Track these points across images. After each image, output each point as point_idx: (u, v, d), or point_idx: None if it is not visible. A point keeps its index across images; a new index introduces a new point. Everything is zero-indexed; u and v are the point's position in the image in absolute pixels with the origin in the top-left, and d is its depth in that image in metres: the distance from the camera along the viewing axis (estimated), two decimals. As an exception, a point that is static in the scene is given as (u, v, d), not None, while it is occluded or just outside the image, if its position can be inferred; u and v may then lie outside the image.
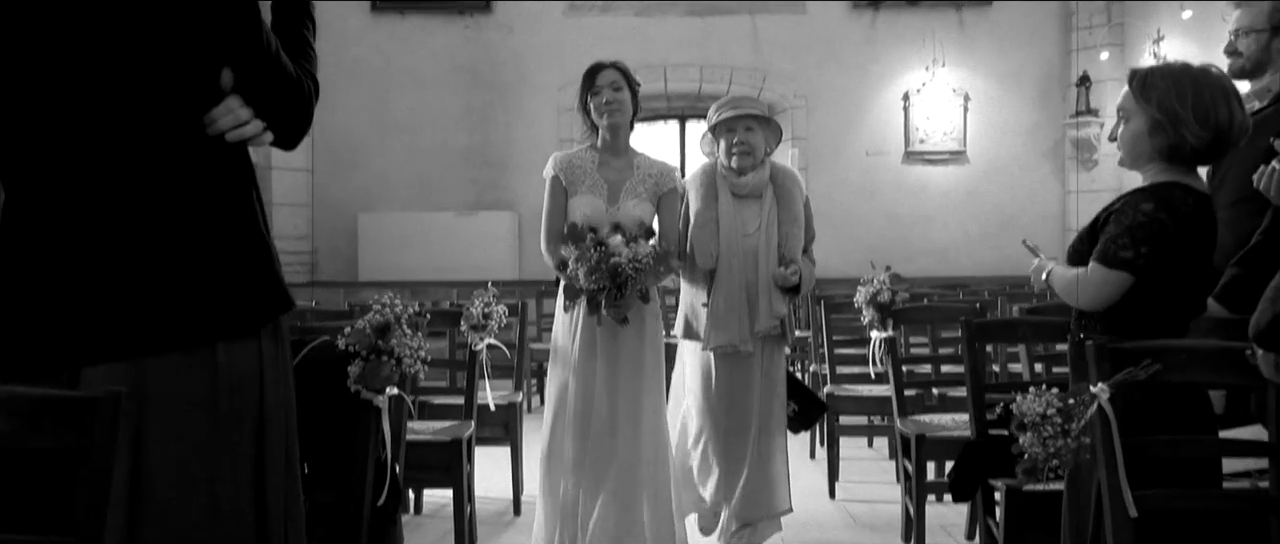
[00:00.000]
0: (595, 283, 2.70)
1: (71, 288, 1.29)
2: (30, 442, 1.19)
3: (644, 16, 7.72)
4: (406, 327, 1.92)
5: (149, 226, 1.31)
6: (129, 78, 1.29)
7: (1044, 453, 1.80)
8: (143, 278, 1.30)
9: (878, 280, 3.41)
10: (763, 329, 2.97)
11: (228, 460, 1.35)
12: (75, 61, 1.28)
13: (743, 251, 2.99)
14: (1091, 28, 7.29)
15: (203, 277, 1.33)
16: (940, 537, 3.30)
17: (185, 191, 1.33)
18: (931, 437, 2.98)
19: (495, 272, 6.59)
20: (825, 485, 3.91)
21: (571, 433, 2.81)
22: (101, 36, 1.27)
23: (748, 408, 3.01)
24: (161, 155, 1.32)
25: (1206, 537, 1.90)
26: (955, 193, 7.59)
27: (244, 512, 1.37)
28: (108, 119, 1.30)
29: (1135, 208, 1.99)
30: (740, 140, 3.01)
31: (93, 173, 1.30)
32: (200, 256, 1.33)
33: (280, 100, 1.40)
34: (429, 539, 3.38)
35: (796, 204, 3.07)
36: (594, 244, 2.72)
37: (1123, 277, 1.97)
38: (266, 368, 1.39)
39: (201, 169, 1.35)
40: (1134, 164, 2.10)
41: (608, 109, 2.88)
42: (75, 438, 1.17)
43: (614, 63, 2.96)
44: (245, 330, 1.36)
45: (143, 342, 1.29)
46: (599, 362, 2.81)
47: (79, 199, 1.30)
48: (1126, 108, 2.06)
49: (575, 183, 2.91)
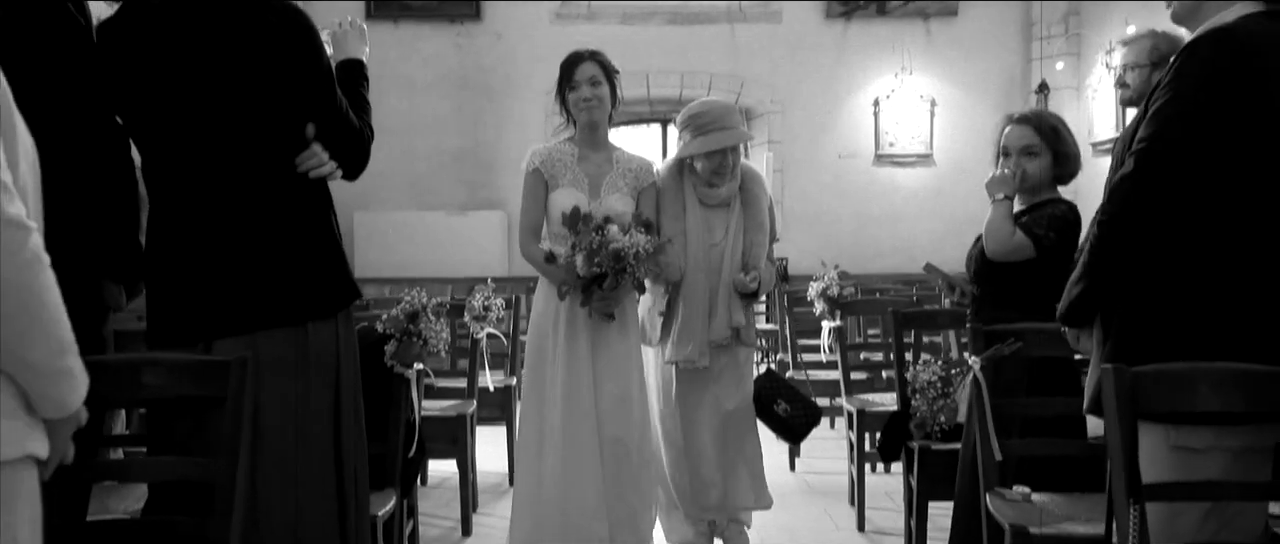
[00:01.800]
0: (598, 266, 2.71)
1: (205, 282, 1.83)
2: (184, 391, 1.73)
3: (628, 25, 8.23)
4: (431, 314, 2.45)
5: (258, 236, 1.85)
6: (247, 131, 1.83)
7: (931, 412, 2.36)
8: (255, 275, 1.84)
9: (828, 277, 3.96)
10: (716, 338, 3.00)
11: (312, 408, 1.88)
12: (211, 118, 1.81)
13: (708, 263, 3.02)
14: (1050, 38, 7.86)
15: (296, 273, 1.87)
16: (883, 501, 3.85)
17: (283, 211, 1.87)
18: (870, 411, 3.54)
19: (485, 268, 7.11)
20: (787, 460, 4.46)
21: (558, 424, 2.84)
22: (230, 103, 1.81)
23: (711, 416, 3.05)
24: (267, 185, 1.86)
25: (1069, 482, 2.45)
26: (922, 193, 8.15)
27: (324, 446, 1.90)
28: (230, 158, 1.83)
29: (1055, 205, 2.76)
30: (718, 167, 2.99)
31: (219, 197, 1.84)
32: (294, 259, 1.87)
33: (348, 146, 1.94)
34: (436, 505, 3.91)
35: (763, 210, 3.10)
36: (595, 229, 2.75)
37: (1026, 244, 2.67)
38: (341, 343, 1.93)
39: (294, 195, 1.89)
40: (1037, 192, 2.77)
41: (586, 106, 2.90)
42: (217, 389, 1.70)
43: (592, 54, 2.95)
44: (326, 314, 1.89)
45: (256, 321, 1.83)
46: (586, 352, 2.86)
47: (209, 216, 1.84)
48: (1033, 144, 2.73)
49: (556, 176, 2.93)
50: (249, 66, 1.81)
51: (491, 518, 3.74)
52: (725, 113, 3.06)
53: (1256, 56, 1.63)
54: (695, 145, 2.97)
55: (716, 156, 2.97)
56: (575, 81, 2.92)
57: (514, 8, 8.22)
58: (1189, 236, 1.67)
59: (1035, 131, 2.75)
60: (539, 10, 8.24)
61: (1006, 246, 2.70)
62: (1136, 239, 1.71)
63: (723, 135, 2.97)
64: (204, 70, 1.81)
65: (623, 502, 2.90)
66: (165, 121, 1.84)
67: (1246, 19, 1.69)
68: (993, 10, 8.01)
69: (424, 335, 2.41)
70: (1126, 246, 1.73)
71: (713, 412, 3.06)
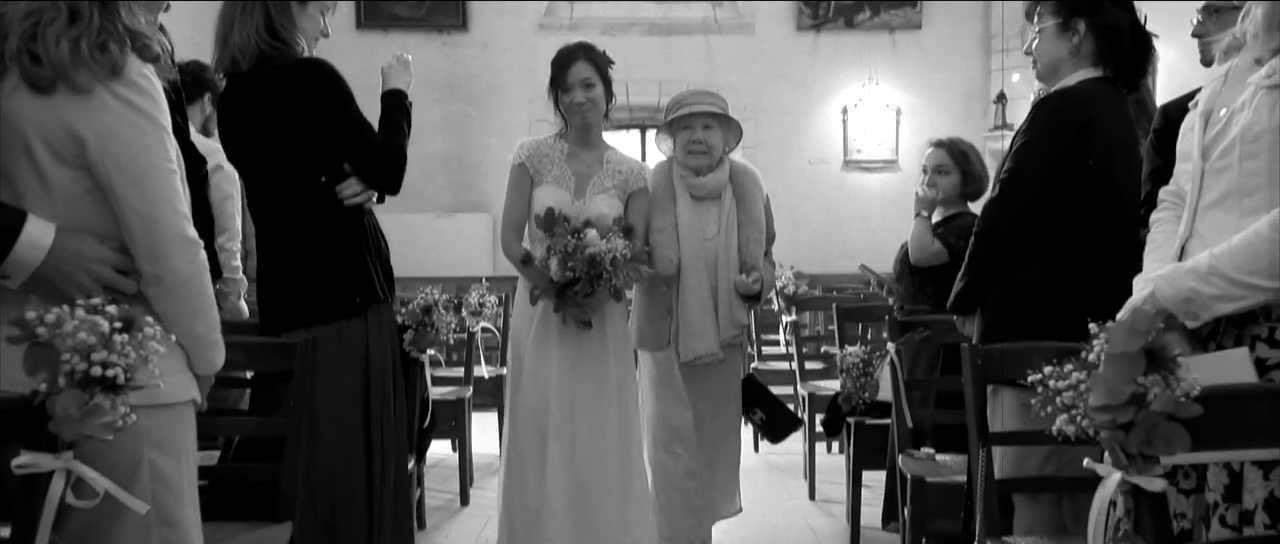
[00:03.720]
0: (571, 272, 2.64)
1: (272, 287, 2.37)
2: (261, 368, 2.25)
3: (608, 36, 8.75)
4: (441, 308, 2.97)
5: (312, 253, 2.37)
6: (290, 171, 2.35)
7: (856, 388, 2.91)
8: (311, 282, 2.36)
9: (785, 276, 4.51)
10: (726, 338, 2.96)
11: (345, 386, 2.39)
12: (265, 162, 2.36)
13: (704, 256, 2.96)
14: (1008, 50, 8.45)
15: (337, 280, 2.39)
16: (834, 475, 4.40)
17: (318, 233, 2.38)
18: (819, 395, 4.09)
19: (471, 268, 7.62)
20: (750, 443, 5.01)
21: (532, 444, 2.80)
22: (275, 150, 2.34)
23: (715, 418, 3.06)
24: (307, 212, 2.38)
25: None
26: (888, 197, 8.72)
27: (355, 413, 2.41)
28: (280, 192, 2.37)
29: (965, 217, 3.31)
30: (697, 139, 2.94)
31: (276, 221, 2.38)
32: (336, 269, 2.39)
33: (377, 171, 2.45)
34: (437, 481, 4.43)
35: (757, 205, 3.03)
36: (570, 231, 2.67)
37: (942, 251, 3.24)
38: (371, 335, 2.44)
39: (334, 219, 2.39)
40: (949, 204, 3.33)
41: (579, 110, 2.84)
42: (287, 366, 2.22)
43: (586, 52, 2.88)
44: (356, 313, 2.40)
45: (311, 317, 2.35)
46: (559, 366, 2.80)
47: (272, 236, 2.38)
48: (944, 164, 3.28)
49: (542, 172, 2.87)
50: (285, 121, 2.32)
51: (486, 492, 4.26)
52: (698, 92, 3.07)
53: (1089, 114, 2.20)
54: (668, 111, 3.02)
55: (695, 128, 2.94)
56: (568, 84, 2.85)
57: (499, 18, 8.74)
58: (1036, 246, 2.23)
59: (948, 154, 3.32)
60: (523, 21, 8.76)
61: (927, 254, 3.27)
62: (1000, 247, 2.27)
63: (698, 97, 3.01)
64: (258, 126, 2.35)
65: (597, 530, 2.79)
66: (246, 166, 2.41)
67: (1084, 82, 2.26)
68: (954, 24, 8.60)
69: (436, 325, 2.94)
70: (993, 253, 2.29)
71: (701, 412, 3.04)
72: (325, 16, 2.47)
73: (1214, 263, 1.47)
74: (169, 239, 1.52)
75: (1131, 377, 1.20)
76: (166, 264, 1.52)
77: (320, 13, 2.45)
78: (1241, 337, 1.50)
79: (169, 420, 1.55)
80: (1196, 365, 1.48)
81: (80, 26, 1.46)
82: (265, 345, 2.28)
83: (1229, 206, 1.52)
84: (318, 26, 2.45)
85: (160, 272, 1.52)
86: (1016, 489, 2.15)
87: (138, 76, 1.51)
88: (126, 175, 1.49)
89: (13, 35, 1.46)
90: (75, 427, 1.24)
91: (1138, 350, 1.21)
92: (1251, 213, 1.47)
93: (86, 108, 1.47)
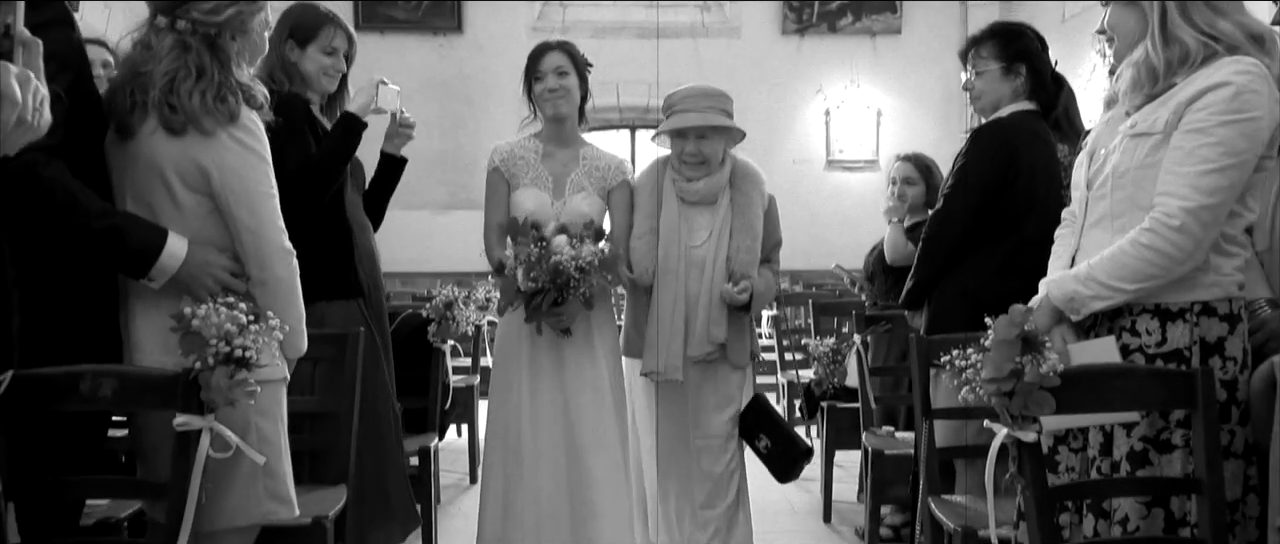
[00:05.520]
0: (534, 282, 2.59)
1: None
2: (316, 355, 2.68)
3: (599, 39, 9.19)
4: (461, 303, 3.41)
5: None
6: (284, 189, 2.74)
7: (826, 373, 3.37)
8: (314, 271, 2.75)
9: (767, 274, 4.96)
10: (695, 354, 2.82)
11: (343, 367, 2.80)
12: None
13: (687, 265, 2.84)
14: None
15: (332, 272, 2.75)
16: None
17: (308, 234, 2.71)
18: (797, 383, 4.55)
19: (465, 264, 8.04)
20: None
21: (507, 468, 2.76)
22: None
23: (704, 441, 2.90)
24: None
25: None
26: (869, 196, 9.19)
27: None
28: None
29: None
30: (691, 151, 2.82)
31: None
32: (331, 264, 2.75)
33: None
34: (447, 462, 4.87)
35: (753, 212, 2.90)
36: (534, 239, 2.63)
37: (913, 251, 3.57)
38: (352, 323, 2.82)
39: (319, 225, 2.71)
40: (916, 212, 3.77)
41: (550, 97, 2.79)
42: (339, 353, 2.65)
43: (560, 44, 2.85)
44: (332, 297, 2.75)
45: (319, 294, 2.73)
46: (539, 380, 2.76)
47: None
48: (911, 176, 3.73)
49: (517, 175, 2.83)
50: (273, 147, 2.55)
51: (490, 473, 4.72)
52: (697, 95, 2.88)
53: (1018, 141, 2.66)
54: (663, 126, 2.87)
55: (683, 142, 2.82)
56: (541, 72, 2.81)
57: (493, 20, 9.17)
58: (972, 252, 2.70)
59: (914, 167, 3.77)
60: (516, 23, 9.19)
61: (902, 255, 3.71)
62: (943, 253, 2.73)
63: (687, 116, 2.82)
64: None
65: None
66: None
67: (1015, 114, 2.73)
68: (933, 29, 9.08)
69: (457, 318, 3.38)
70: (937, 257, 2.75)
71: (685, 438, 2.90)
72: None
73: (1090, 271, 1.91)
74: (272, 251, 1.97)
75: (1011, 357, 1.65)
76: (271, 271, 1.97)
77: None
78: (1113, 328, 1.95)
79: (269, 392, 1.99)
80: (1077, 350, 1.95)
81: (205, 82, 1.90)
82: (321, 335, 2.70)
83: (1105, 227, 1.96)
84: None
85: (265, 276, 1.97)
86: (953, 455, 2.61)
87: (249, 122, 1.95)
88: (241, 201, 1.93)
89: (154, 88, 1.90)
90: (225, 395, 1.68)
91: (1015, 338, 1.65)
92: (1120, 232, 1.91)
93: (211, 148, 1.91)
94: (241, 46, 2.01)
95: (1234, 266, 1.90)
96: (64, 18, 1.80)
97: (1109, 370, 1.83)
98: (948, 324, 2.67)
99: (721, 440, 2.92)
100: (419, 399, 3.38)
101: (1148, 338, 1.91)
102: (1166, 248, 1.82)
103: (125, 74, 1.97)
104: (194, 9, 1.94)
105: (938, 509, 2.42)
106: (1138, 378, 1.81)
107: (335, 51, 2.84)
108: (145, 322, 1.93)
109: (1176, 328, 1.89)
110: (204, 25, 1.94)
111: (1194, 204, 1.80)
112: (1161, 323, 1.90)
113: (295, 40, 2.78)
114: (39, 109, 1.41)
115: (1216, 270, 1.88)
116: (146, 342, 1.93)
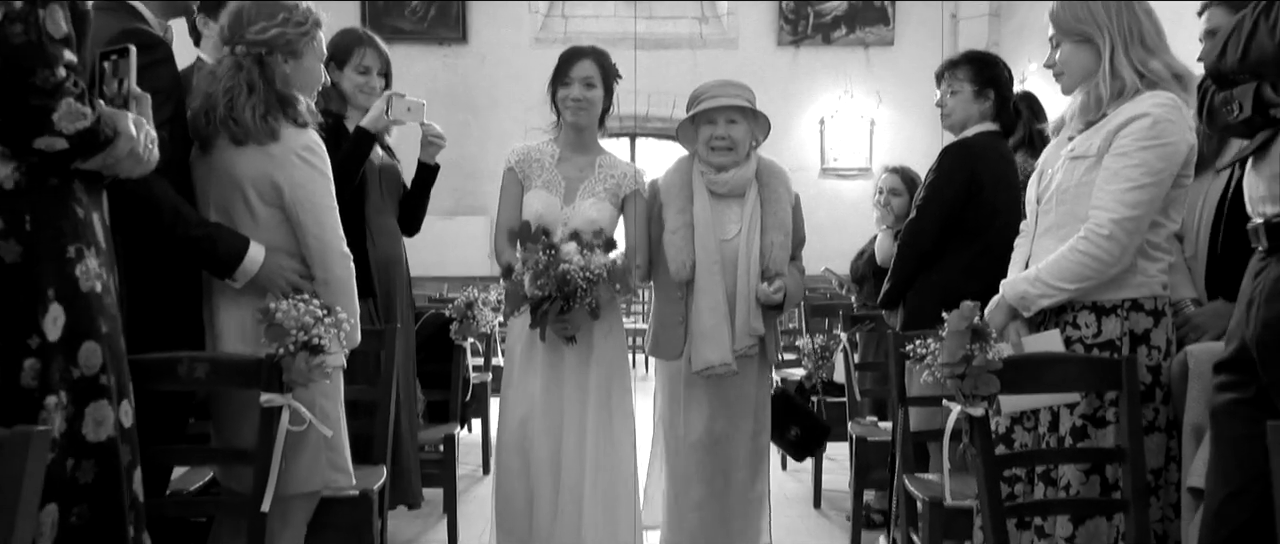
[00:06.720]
0: (541, 289, 2.60)
1: None
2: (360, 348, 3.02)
3: (600, 49, 9.56)
4: (481, 304, 3.75)
5: None
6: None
7: (814, 368, 3.71)
8: None
9: (762, 278, 5.29)
10: (740, 347, 2.81)
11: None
12: None
13: (722, 258, 2.83)
14: (974, 67, 9.30)
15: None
16: (804, 451, 5.20)
17: None
18: (790, 380, 4.88)
19: (470, 268, 8.40)
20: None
21: (518, 463, 2.82)
22: None
23: (732, 437, 2.90)
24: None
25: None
26: (862, 204, 9.52)
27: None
28: None
29: None
30: (721, 134, 2.84)
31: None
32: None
33: None
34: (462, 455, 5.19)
35: (783, 207, 2.93)
36: (544, 246, 2.63)
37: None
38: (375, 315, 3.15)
39: None
40: (902, 221, 4.10)
41: (573, 106, 2.82)
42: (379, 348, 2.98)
43: (592, 51, 2.88)
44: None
45: None
46: (548, 379, 2.80)
47: None
48: (897, 187, 4.07)
49: (531, 177, 2.85)
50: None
51: (501, 465, 5.06)
52: (725, 83, 2.93)
53: (981, 160, 3.02)
54: (693, 109, 2.90)
55: (719, 123, 2.85)
56: (569, 78, 2.84)
57: (497, 32, 9.53)
58: (942, 257, 3.05)
59: (900, 179, 4.12)
60: (520, 35, 9.55)
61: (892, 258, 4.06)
62: (916, 259, 3.08)
63: (726, 88, 2.91)
64: None
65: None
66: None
67: (980, 135, 3.09)
68: (924, 42, 9.45)
69: (477, 318, 3.71)
70: (910, 261, 3.10)
71: (717, 430, 2.91)
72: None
73: (1038, 274, 2.26)
74: (334, 255, 2.31)
75: (963, 345, 1.99)
76: (332, 272, 2.31)
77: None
78: (1058, 322, 2.29)
79: (333, 377, 2.33)
80: (1029, 342, 2.29)
81: (256, 97, 2.24)
82: (364, 331, 3.04)
83: (1052, 236, 2.30)
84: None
85: (328, 277, 2.31)
86: (926, 439, 2.95)
87: (313, 142, 2.29)
88: (308, 213, 2.27)
89: (220, 106, 2.24)
90: (305, 376, 2.01)
91: (965, 329, 2.00)
92: (1063, 241, 2.25)
93: (284, 166, 2.25)
94: (294, 70, 2.31)
95: (1158, 269, 2.25)
96: (168, 56, 2.15)
97: (1047, 358, 2.18)
98: (922, 321, 3.01)
99: (750, 436, 2.95)
100: (442, 392, 3.73)
101: (1086, 330, 2.26)
102: (1099, 253, 2.17)
103: (200, 97, 2.31)
104: (247, 33, 2.27)
105: (911, 485, 2.77)
106: (1071, 364, 2.16)
107: (368, 70, 3.19)
108: (227, 315, 2.28)
109: (1110, 321, 2.24)
110: (255, 46, 2.26)
111: (1120, 216, 2.15)
112: (1098, 317, 2.25)
113: (335, 62, 3.12)
114: (149, 147, 1.77)
115: (1143, 272, 2.23)
116: (228, 332, 2.27)
